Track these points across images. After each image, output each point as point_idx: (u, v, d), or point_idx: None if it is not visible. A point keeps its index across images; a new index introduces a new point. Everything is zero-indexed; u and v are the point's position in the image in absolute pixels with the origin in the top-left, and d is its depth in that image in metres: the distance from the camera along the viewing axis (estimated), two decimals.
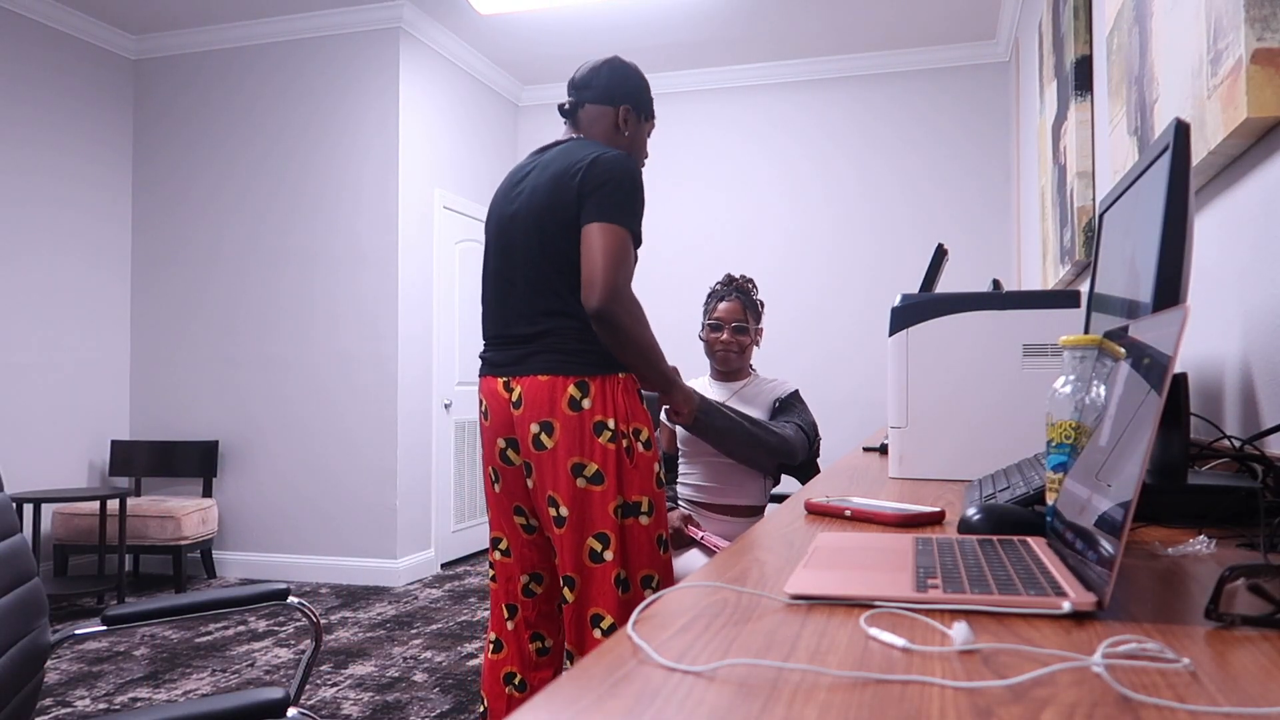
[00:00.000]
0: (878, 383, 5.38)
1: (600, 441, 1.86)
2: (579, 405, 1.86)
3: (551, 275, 1.89)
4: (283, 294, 4.97)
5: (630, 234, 1.87)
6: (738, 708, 0.48)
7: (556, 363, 1.88)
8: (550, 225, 1.89)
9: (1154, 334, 0.75)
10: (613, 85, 2.04)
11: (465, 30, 5.13)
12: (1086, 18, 2.75)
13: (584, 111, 2.05)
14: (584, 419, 1.86)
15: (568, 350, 1.88)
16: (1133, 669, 0.52)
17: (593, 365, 1.88)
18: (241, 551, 4.98)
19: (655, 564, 1.92)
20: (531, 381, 1.89)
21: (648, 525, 1.91)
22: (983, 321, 1.58)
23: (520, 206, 1.95)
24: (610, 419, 1.87)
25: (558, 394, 1.87)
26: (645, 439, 1.93)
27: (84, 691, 3.09)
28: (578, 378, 1.87)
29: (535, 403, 1.88)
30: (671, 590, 0.75)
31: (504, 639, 2.04)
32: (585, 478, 1.87)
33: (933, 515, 1.13)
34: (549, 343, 1.89)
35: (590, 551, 1.87)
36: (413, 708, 2.91)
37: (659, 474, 1.96)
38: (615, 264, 1.82)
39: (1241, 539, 0.92)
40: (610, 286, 1.81)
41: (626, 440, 1.89)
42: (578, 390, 1.87)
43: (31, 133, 4.59)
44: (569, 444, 1.86)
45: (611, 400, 1.88)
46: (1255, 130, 1.23)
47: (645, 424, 1.94)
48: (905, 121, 5.43)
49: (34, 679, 1.33)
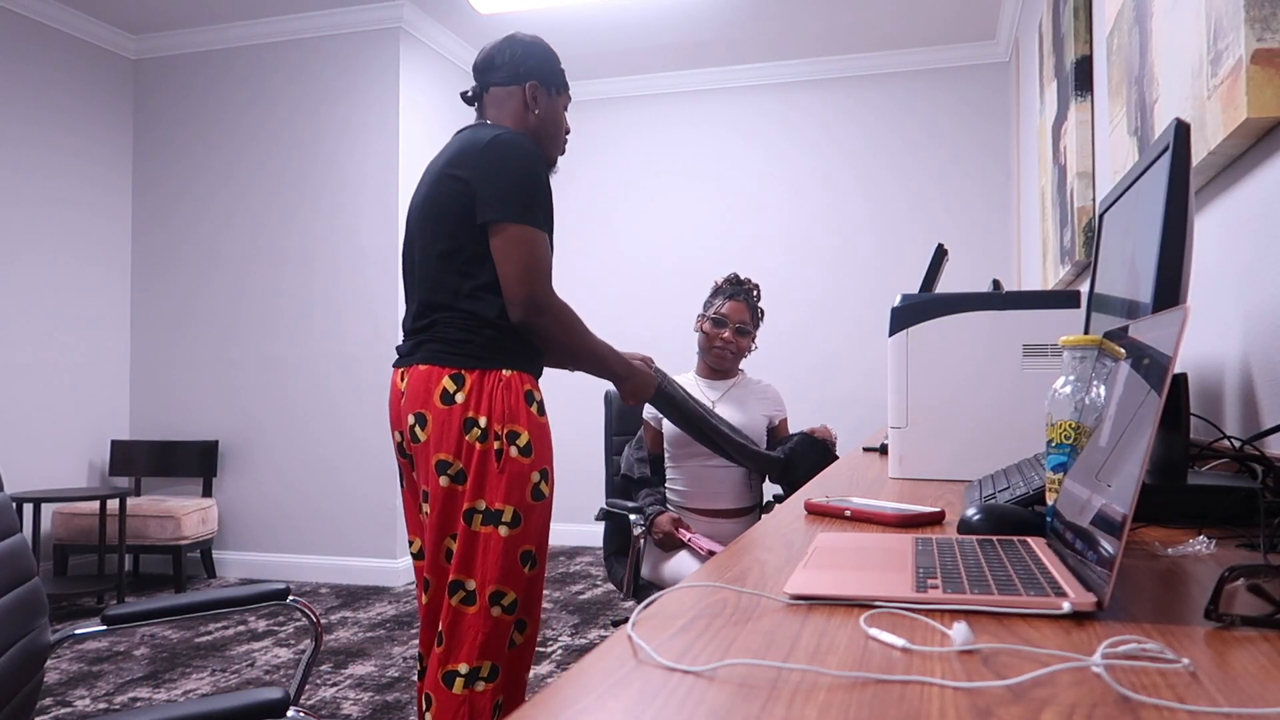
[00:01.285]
0: (878, 383, 5.38)
1: (468, 439, 1.73)
2: (451, 399, 1.75)
3: (437, 265, 1.80)
4: (283, 294, 4.97)
5: (540, 228, 1.77)
6: (738, 708, 0.48)
7: (435, 353, 1.78)
8: (433, 214, 1.81)
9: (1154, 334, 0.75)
10: (516, 62, 1.92)
11: (465, 30, 5.13)
12: (1086, 18, 2.75)
13: (489, 96, 1.94)
14: (453, 413, 1.74)
15: (448, 340, 1.78)
16: (1133, 669, 0.52)
17: (471, 358, 1.76)
18: (241, 551, 4.98)
19: (510, 581, 1.74)
20: (414, 371, 1.80)
21: (508, 536, 1.73)
22: (983, 321, 1.58)
23: (417, 198, 1.88)
24: (482, 417, 1.74)
25: (432, 385, 1.76)
26: (524, 444, 1.76)
27: (84, 691, 3.09)
28: (453, 370, 1.76)
29: (414, 393, 1.79)
30: (670, 590, 0.75)
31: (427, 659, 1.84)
32: (449, 475, 1.75)
33: (933, 515, 1.13)
34: (433, 333, 1.80)
35: (447, 552, 1.76)
36: (412, 708, 2.91)
37: (537, 485, 1.78)
38: (531, 272, 1.74)
39: (1241, 539, 0.92)
40: (529, 299, 1.74)
41: (499, 442, 1.74)
42: (452, 383, 1.75)
43: (31, 133, 4.59)
44: (437, 438, 1.75)
45: (487, 397, 1.75)
46: (1255, 130, 1.23)
47: (526, 428, 1.77)
48: (905, 121, 5.43)
49: (34, 679, 1.33)
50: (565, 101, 2.00)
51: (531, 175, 1.78)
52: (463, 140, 1.83)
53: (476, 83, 1.96)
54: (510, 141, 1.78)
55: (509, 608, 1.74)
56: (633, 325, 5.71)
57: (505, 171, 1.75)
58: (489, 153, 1.76)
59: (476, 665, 1.71)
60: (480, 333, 1.77)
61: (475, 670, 1.71)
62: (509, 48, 1.93)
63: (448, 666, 1.72)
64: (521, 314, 1.75)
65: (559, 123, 1.98)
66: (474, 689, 1.71)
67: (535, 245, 1.76)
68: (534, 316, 1.75)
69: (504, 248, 1.74)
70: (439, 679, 1.73)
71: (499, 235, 1.75)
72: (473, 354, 1.77)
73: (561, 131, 1.99)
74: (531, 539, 1.77)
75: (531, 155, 1.79)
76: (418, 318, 1.84)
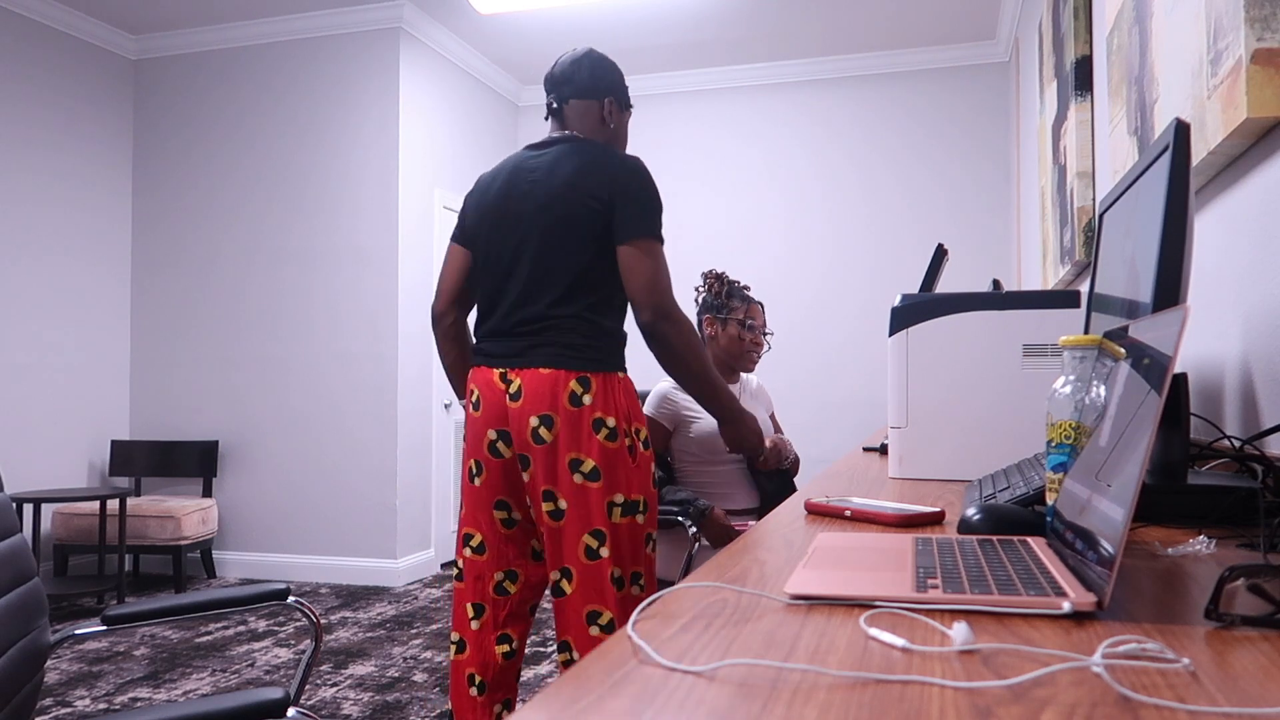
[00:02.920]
0: (878, 383, 5.38)
1: (598, 438, 1.87)
2: (579, 401, 1.87)
3: (560, 272, 1.90)
4: (283, 294, 4.97)
5: (661, 241, 1.94)
6: (738, 708, 0.48)
7: (559, 356, 1.88)
8: (568, 221, 1.90)
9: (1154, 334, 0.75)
10: (595, 79, 2.05)
11: (465, 30, 5.13)
12: (1086, 18, 2.75)
13: (569, 107, 2.05)
14: (583, 415, 1.87)
15: (571, 345, 1.88)
16: (1133, 669, 0.52)
17: (595, 362, 1.89)
18: (241, 551, 4.98)
19: (643, 562, 1.94)
20: (533, 374, 1.88)
21: (643, 524, 1.93)
22: (983, 321, 1.58)
23: (532, 202, 1.94)
24: (610, 417, 1.88)
25: (559, 388, 1.86)
26: (645, 439, 1.97)
27: (84, 691, 3.09)
28: (580, 373, 1.87)
29: (536, 395, 1.87)
30: (671, 590, 0.75)
31: (466, 638, 2.00)
32: (582, 473, 1.87)
33: (933, 515, 1.13)
34: (552, 336, 1.89)
35: (586, 548, 1.87)
36: (413, 708, 2.91)
37: (656, 474, 2.00)
38: (662, 282, 1.89)
39: (1241, 539, 0.92)
40: (659, 304, 1.87)
41: (629, 439, 1.91)
42: (579, 385, 1.87)
43: (31, 133, 4.59)
44: (568, 439, 1.86)
45: (612, 398, 1.90)
46: (1255, 130, 1.23)
47: (645, 424, 1.98)
48: (905, 121, 5.43)
49: (34, 679, 1.33)
50: (629, 116, 2.16)
51: (656, 195, 1.95)
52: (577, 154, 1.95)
53: (555, 94, 2.07)
54: (638, 167, 1.95)
55: (644, 587, 1.93)
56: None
57: (639, 192, 1.92)
58: (623, 178, 1.92)
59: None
60: (599, 340, 1.91)
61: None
62: (588, 63, 2.06)
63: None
64: (650, 317, 1.88)
65: (625, 135, 2.15)
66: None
67: (662, 258, 1.92)
68: (660, 321, 1.88)
69: (636, 257, 1.89)
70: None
71: (632, 247, 1.89)
72: (595, 359, 1.90)
73: (626, 147, 2.17)
74: (654, 524, 1.98)
75: (648, 174, 1.96)
76: (526, 321, 1.92)
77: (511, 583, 2.00)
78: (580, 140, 1.99)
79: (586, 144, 1.98)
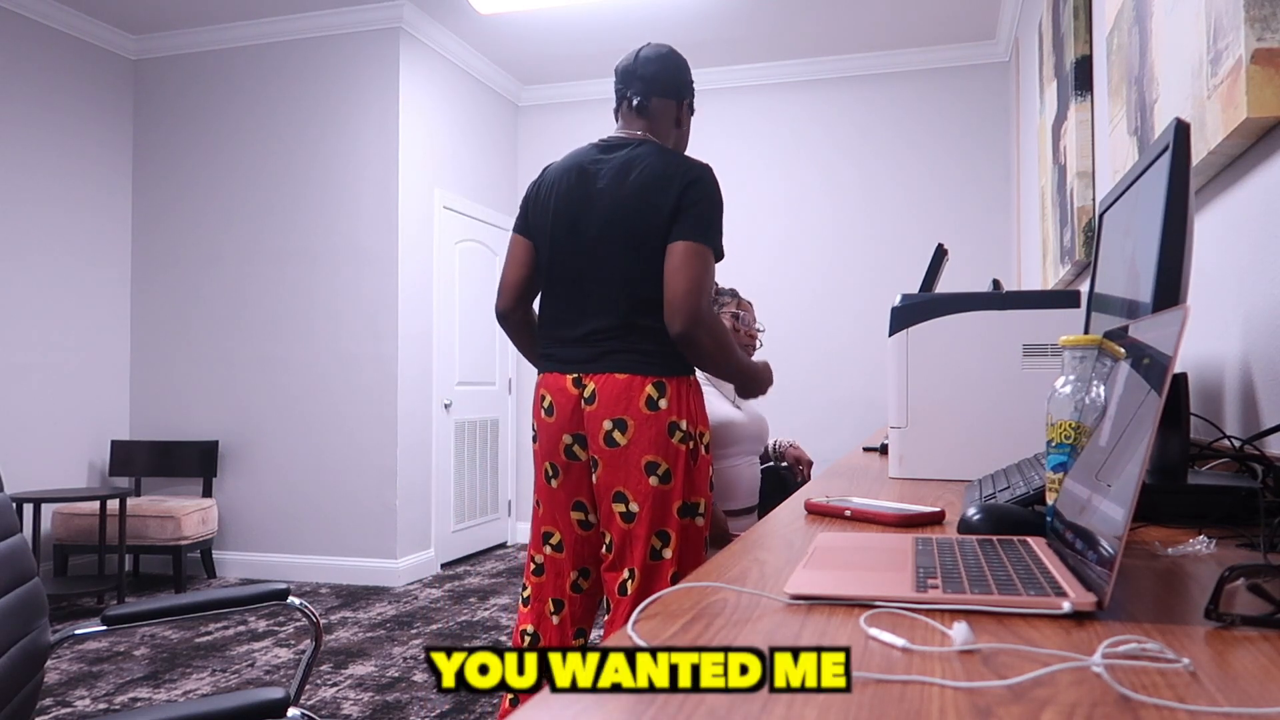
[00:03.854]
0: (878, 383, 5.38)
1: (674, 442, 1.91)
2: (656, 405, 1.90)
3: (635, 278, 1.92)
4: (283, 294, 4.97)
5: (714, 250, 1.92)
6: (738, 708, 0.48)
7: (634, 362, 1.91)
8: (639, 232, 1.91)
9: (1154, 334, 0.75)
10: (677, 79, 2.07)
11: (465, 30, 5.13)
12: (1086, 18, 2.75)
13: (652, 104, 2.05)
14: (660, 419, 1.90)
15: (646, 351, 1.92)
16: (1133, 669, 0.52)
17: (670, 367, 1.93)
18: (241, 551, 4.98)
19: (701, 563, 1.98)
20: (607, 379, 1.91)
21: (701, 526, 1.97)
22: (983, 321, 1.58)
23: (601, 209, 1.95)
24: (683, 420, 1.92)
25: (634, 393, 1.90)
26: (708, 442, 1.99)
27: (84, 691, 3.09)
28: (655, 378, 1.91)
29: (610, 400, 1.90)
30: (671, 590, 0.75)
31: (544, 632, 2.05)
32: (658, 476, 1.90)
33: (933, 515, 1.13)
34: (628, 342, 1.92)
35: (651, 549, 1.91)
36: (413, 708, 2.91)
37: (711, 477, 2.02)
38: (697, 287, 1.86)
39: (1241, 539, 0.92)
40: (691, 310, 1.86)
41: (693, 442, 1.94)
42: (655, 390, 1.90)
43: (31, 133, 4.59)
44: (644, 442, 1.89)
45: (686, 402, 1.93)
46: (1255, 130, 1.23)
47: (708, 427, 2.01)
48: (905, 121, 5.43)
49: (34, 679, 1.33)
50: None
51: (719, 205, 1.94)
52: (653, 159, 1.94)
53: (639, 90, 2.05)
54: (705, 175, 1.94)
55: None
56: None
57: (702, 200, 1.91)
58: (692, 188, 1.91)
59: None
60: (670, 345, 1.92)
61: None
62: (671, 62, 2.06)
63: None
64: (681, 325, 1.86)
65: (688, 140, 2.17)
66: None
67: (708, 264, 1.90)
68: (691, 327, 1.86)
69: (680, 259, 1.88)
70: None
71: (680, 249, 1.88)
72: (670, 364, 1.93)
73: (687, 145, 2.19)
74: (710, 526, 2.01)
75: (718, 185, 1.96)
76: (600, 329, 1.94)
77: (585, 580, 2.06)
78: (649, 144, 1.99)
79: (656, 150, 1.97)
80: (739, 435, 2.53)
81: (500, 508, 5.84)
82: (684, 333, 1.87)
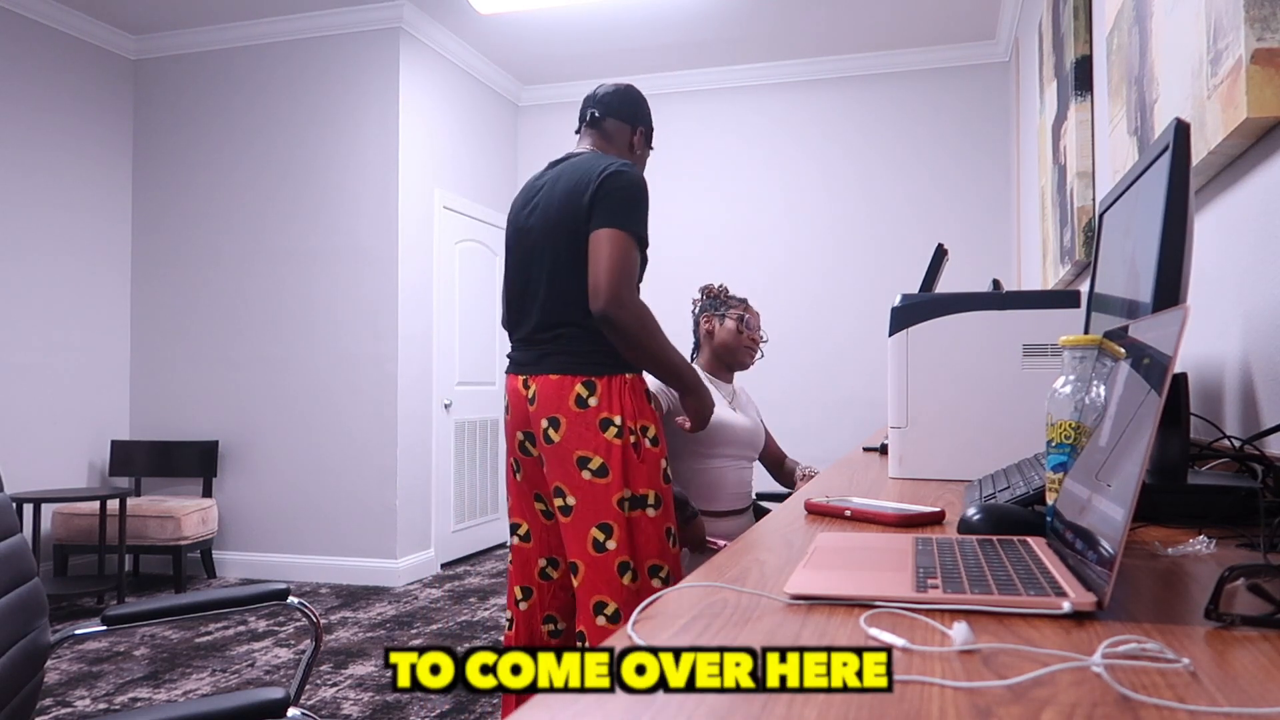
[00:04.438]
0: (878, 383, 5.38)
1: (606, 437, 1.97)
2: (585, 403, 1.98)
3: (568, 281, 2.00)
4: (283, 294, 4.97)
5: (634, 237, 1.97)
6: (738, 708, 0.48)
7: (566, 363, 2.00)
8: (564, 235, 2.00)
9: (1154, 334, 0.75)
10: (635, 108, 2.22)
11: (465, 30, 5.13)
12: (1086, 18, 2.75)
13: (606, 123, 2.19)
14: (590, 415, 1.97)
15: (577, 352, 2.00)
16: (1133, 669, 0.52)
17: (600, 366, 2.00)
18: (241, 551, 4.98)
19: (664, 556, 2.01)
20: (544, 380, 2.02)
21: (655, 517, 2.00)
22: (983, 321, 1.58)
23: (537, 217, 2.07)
24: (616, 416, 1.98)
25: (565, 392, 1.99)
26: (653, 436, 2.03)
27: (84, 691, 3.09)
28: (585, 377, 1.99)
29: (546, 399, 2.01)
30: (672, 590, 0.75)
31: (516, 617, 2.15)
32: (590, 470, 1.97)
33: (933, 515, 1.13)
34: (561, 345, 2.02)
35: (594, 541, 1.97)
36: (413, 708, 2.91)
37: (665, 470, 2.05)
38: (617, 270, 1.93)
39: (1241, 539, 0.92)
40: (611, 292, 1.91)
41: (634, 436, 1.99)
42: (584, 389, 1.99)
43: (31, 133, 4.59)
44: (574, 438, 1.97)
45: (618, 398, 1.99)
46: (1255, 130, 1.23)
47: (652, 421, 2.04)
48: (905, 121, 5.43)
49: (34, 679, 1.33)
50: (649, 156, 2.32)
51: (637, 195, 1.99)
52: (585, 164, 2.04)
53: (592, 109, 2.21)
54: (624, 169, 2.02)
55: (665, 579, 2.00)
56: None
57: (617, 190, 1.98)
58: (607, 179, 1.99)
59: None
60: (604, 343, 1.99)
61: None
62: (630, 94, 2.22)
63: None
64: (602, 305, 1.92)
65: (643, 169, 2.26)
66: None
67: (627, 248, 1.95)
68: (614, 309, 1.92)
69: (597, 246, 1.95)
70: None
71: (596, 237, 1.96)
72: (600, 363, 2.00)
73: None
74: (670, 518, 2.05)
75: (643, 182, 2.03)
76: (540, 330, 2.05)
77: (553, 569, 2.14)
78: (586, 154, 2.09)
79: (587, 156, 2.07)
80: (726, 438, 2.52)
81: (500, 508, 5.84)
82: (602, 314, 1.93)
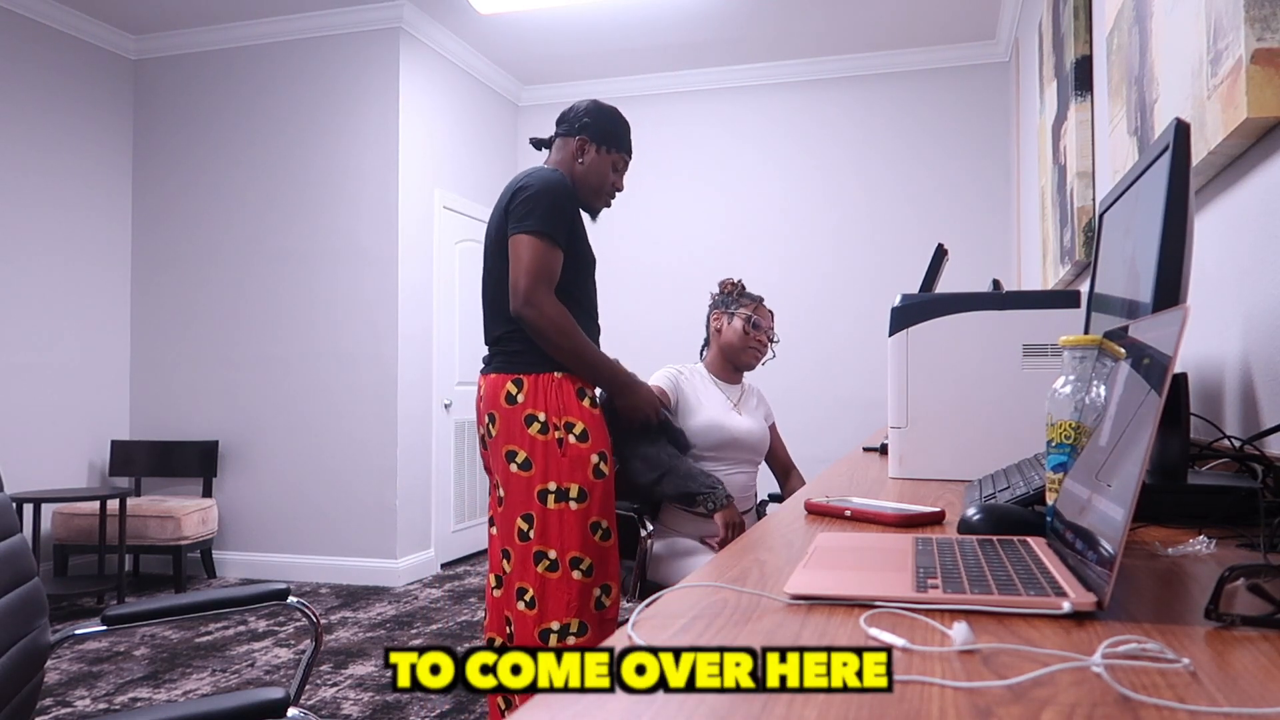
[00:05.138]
0: (878, 383, 5.37)
1: (530, 432, 2.07)
2: (514, 399, 2.09)
3: (502, 287, 2.12)
4: (283, 294, 4.97)
5: (543, 237, 2.05)
6: (738, 708, 0.48)
7: (502, 364, 2.13)
8: (495, 245, 2.14)
9: (1154, 334, 0.75)
10: (576, 118, 2.25)
11: (465, 30, 5.12)
12: (1086, 18, 2.75)
13: (557, 140, 2.29)
14: (517, 412, 2.08)
15: (511, 353, 2.12)
16: (1133, 669, 0.52)
17: (529, 365, 2.10)
18: (241, 551, 4.98)
19: (586, 549, 2.06)
20: (487, 379, 2.16)
21: (578, 510, 2.06)
22: (983, 321, 1.58)
23: (488, 236, 2.21)
24: (541, 412, 2.07)
25: (498, 390, 2.11)
26: (579, 432, 2.09)
27: (84, 691, 3.09)
28: (514, 375, 2.10)
29: (488, 398, 2.14)
30: (672, 590, 0.75)
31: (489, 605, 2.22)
32: (516, 464, 2.08)
33: (933, 515, 1.13)
34: (501, 346, 2.15)
35: (519, 530, 2.08)
36: (413, 708, 2.91)
37: (596, 465, 2.09)
38: (528, 271, 2.03)
39: (1241, 539, 0.92)
40: (523, 295, 2.03)
41: (559, 432, 2.07)
42: (513, 386, 2.10)
43: (31, 133, 4.59)
44: (505, 433, 2.09)
45: (543, 395, 2.08)
46: (1255, 130, 1.23)
47: (579, 418, 2.10)
48: (905, 121, 5.43)
49: (34, 679, 1.33)
50: (617, 160, 2.28)
51: (551, 194, 2.07)
52: (516, 179, 2.17)
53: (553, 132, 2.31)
54: (541, 174, 2.11)
55: (587, 571, 2.05)
56: (632, 324, 5.71)
57: (528, 194, 2.07)
58: (520, 189, 2.09)
59: (567, 622, 2.04)
60: (534, 344, 2.08)
61: (566, 626, 2.04)
62: (580, 106, 2.27)
63: (542, 625, 2.05)
64: (516, 306, 2.04)
65: (603, 176, 2.27)
66: (565, 643, 2.04)
67: (543, 251, 2.05)
68: (527, 310, 2.03)
69: (515, 249, 2.06)
70: (535, 637, 2.05)
71: (511, 242, 2.07)
72: (528, 362, 2.09)
73: (605, 185, 2.28)
74: (598, 512, 2.08)
75: (557, 183, 2.10)
76: (489, 333, 2.19)
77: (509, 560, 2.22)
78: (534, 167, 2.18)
79: (534, 169, 2.17)
80: (723, 441, 2.50)
81: None
82: (517, 315, 2.04)
